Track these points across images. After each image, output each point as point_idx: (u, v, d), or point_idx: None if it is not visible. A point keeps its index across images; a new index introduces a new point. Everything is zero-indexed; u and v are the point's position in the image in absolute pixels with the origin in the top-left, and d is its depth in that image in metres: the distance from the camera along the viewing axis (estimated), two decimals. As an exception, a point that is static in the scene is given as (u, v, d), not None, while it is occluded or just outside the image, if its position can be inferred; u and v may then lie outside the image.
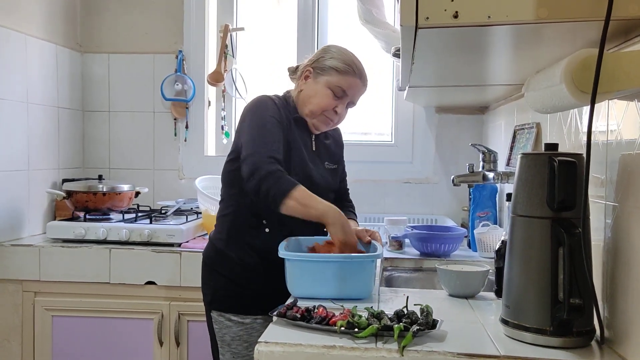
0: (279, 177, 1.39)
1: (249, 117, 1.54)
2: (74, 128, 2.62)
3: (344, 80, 1.56)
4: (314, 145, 1.65)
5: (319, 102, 1.57)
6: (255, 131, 1.49)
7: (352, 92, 1.58)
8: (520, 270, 1.04)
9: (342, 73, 1.56)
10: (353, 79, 1.57)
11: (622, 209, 0.97)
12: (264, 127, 1.49)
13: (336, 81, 1.56)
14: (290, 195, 1.37)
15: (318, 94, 1.57)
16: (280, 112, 1.55)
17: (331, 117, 1.60)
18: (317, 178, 1.60)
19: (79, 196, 2.22)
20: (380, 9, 2.29)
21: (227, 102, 2.71)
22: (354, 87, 1.58)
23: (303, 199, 1.38)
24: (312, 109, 1.58)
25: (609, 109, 1.05)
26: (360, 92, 1.62)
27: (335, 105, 1.58)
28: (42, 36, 2.34)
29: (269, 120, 1.51)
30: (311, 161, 1.61)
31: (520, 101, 1.85)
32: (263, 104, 1.56)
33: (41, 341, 2.09)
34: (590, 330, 1.01)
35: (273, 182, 1.38)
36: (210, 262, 1.62)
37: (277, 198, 1.38)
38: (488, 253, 1.92)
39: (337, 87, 1.56)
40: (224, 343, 1.55)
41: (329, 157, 1.69)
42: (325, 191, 1.63)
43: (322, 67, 1.58)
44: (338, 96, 1.57)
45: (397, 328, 1.01)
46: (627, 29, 0.93)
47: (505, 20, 0.91)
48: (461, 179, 1.90)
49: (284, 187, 1.38)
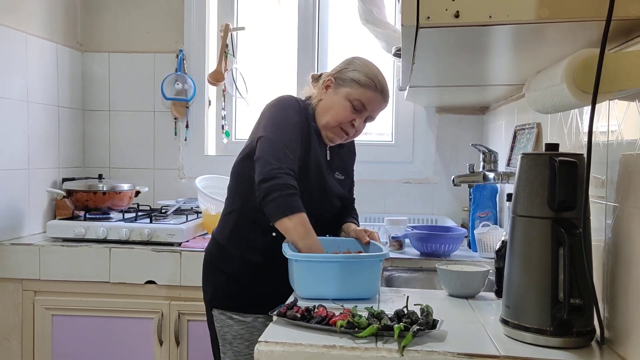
0: (291, 194, 1.39)
1: (272, 114, 1.51)
2: (74, 127, 2.61)
3: (364, 93, 1.53)
4: (329, 154, 1.64)
5: (336, 113, 1.54)
6: (278, 131, 1.46)
7: (371, 106, 1.55)
8: (520, 271, 1.04)
9: (363, 86, 1.53)
10: (373, 94, 1.54)
11: (623, 209, 0.97)
12: (287, 130, 1.47)
13: (356, 94, 1.53)
14: (291, 217, 1.38)
15: (336, 105, 1.55)
16: (302, 116, 1.53)
17: (347, 130, 1.57)
18: (329, 187, 1.60)
19: (79, 195, 2.22)
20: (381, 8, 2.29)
21: (227, 102, 2.71)
22: (373, 101, 1.55)
23: (298, 227, 1.39)
24: (328, 120, 1.55)
25: (609, 109, 1.05)
26: (380, 107, 1.59)
27: (353, 119, 1.55)
28: (42, 35, 2.34)
29: (292, 123, 1.49)
30: (325, 169, 1.60)
31: (520, 101, 1.85)
32: (287, 103, 1.53)
33: (41, 340, 2.09)
34: (590, 331, 1.01)
35: (285, 196, 1.38)
36: (212, 259, 1.61)
37: (279, 211, 1.38)
38: (488, 253, 1.92)
39: (356, 100, 1.53)
40: (225, 341, 1.55)
41: (340, 167, 1.68)
42: (334, 199, 1.63)
43: (343, 79, 1.56)
44: (357, 109, 1.54)
45: (397, 328, 1.01)
46: (628, 29, 0.93)
47: (507, 20, 0.91)
48: (461, 179, 1.90)
49: (291, 206, 1.38)
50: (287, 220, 1.38)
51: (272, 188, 1.38)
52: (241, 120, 2.80)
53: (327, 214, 1.64)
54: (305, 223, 1.40)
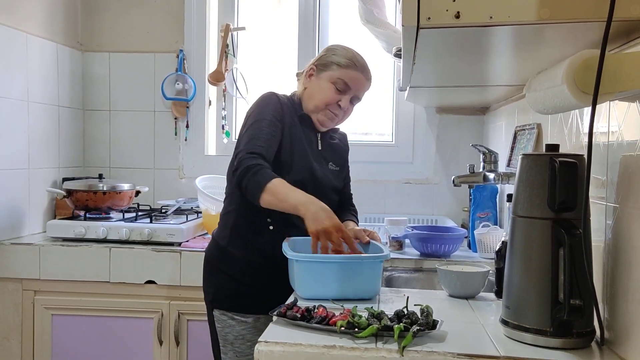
0: (256, 171, 1.40)
1: (248, 114, 1.59)
2: (75, 127, 2.61)
3: (345, 73, 1.58)
4: (320, 144, 1.66)
5: (322, 96, 1.59)
6: (250, 129, 1.52)
7: (355, 85, 1.59)
8: (520, 271, 1.04)
9: (343, 67, 1.58)
10: (355, 73, 1.58)
11: (623, 210, 0.97)
12: (258, 125, 1.52)
13: (338, 75, 1.58)
14: (265, 189, 1.38)
15: (321, 89, 1.59)
16: (282, 109, 1.57)
17: (335, 112, 1.61)
18: (321, 176, 1.60)
19: (79, 195, 2.22)
20: (381, 9, 2.29)
21: (227, 102, 2.71)
22: (356, 80, 1.59)
23: (277, 193, 1.38)
24: (316, 103, 1.60)
25: (610, 110, 1.05)
26: (364, 86, 1.63)
27: (339, 99, 1.59)
28: (42, 35, 2.34)
29: (265, 117, 1.53)
30: (315, 160, 1.61)
31: (521, 102, 1.85)
32: (264, 101, 1.59)
33: (41, 340, 2.09)
34: (590, 331, 1.01)
35: (251, 176, 1.40)
36: (212, 259, 1.62)
37: (255, 192, 1.40)
38: (488, 254, 1.92)
39: (339, 80, 1.57)
40: (226, 342, 1.55)
41: (334, 158, 1.69)
42: (329, 190, 1.63)
43: (324, 64, 1.61)
44: (340, 90, 1.58)
45: (397, 328, 1.01)
46: (629, 30, 0.93)
47: (507, 21, 0.91)
48: (462, 179, 1.90)
49: (260, 180, 1.39)
50: (265, 195, 1.39)
51: (240, 177, 1.42)
52: (241, 120, 2.79)
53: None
54: (280, 185, 1.40)
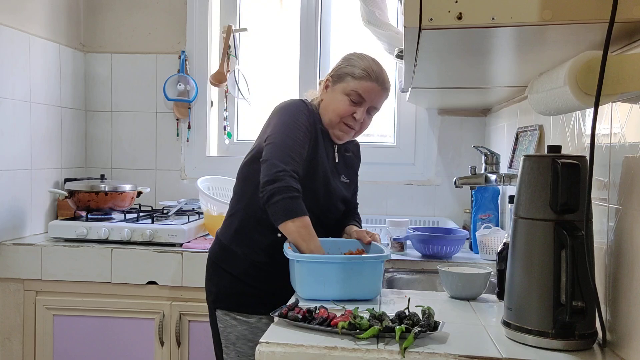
0: (294, 197, 1.40)
1: (280, 118, 1.53)
2: (77, 128, 2.62)
3: (359, 85, 1.54)
4: (337, 157, 1.65)
5: (336, 109, 1.56)
6: (286, 135, 1.48)
7: (369, 96, 1.55)
8: (522, 273, 1.04)
9: (357, 78, 1.54)
10: (369, 84, 1.54)
11: (625, 211, 0.97)
12: (294, 133, 1.48)
13: (352, 87, 1.54)
14: (295, 220, 1.40)
15: (335, 101, 1.56)
16: (310, 119, 1.55)
17: (351, 125, 1.58)
18: (334, 188, 1.61)
19: (81, 196, 2.22)
20: (383, 10, 2.29)
21: (229, 103, 2.71)
22: (370, 91, 1.55)
23: (301, 230, 1.40)
24: (330, 117, 1.57)
25: (612, 112, 1.04)
26: (380, 96, 1.59)
27: (354, 112, 1.55)
28: (45, 36, 2.35)
29: (300, 127, 1.50)
30: (331, 171, 1.61)
31: (522, 103, 1.85)
32: (297, 108, 1.55)
33: (42, 340, 2.09)
34: (592, 333, 1.00)
35: (288, 198, 1.39)
36: (216, 259, 1.62)
37: (282, 214, 1.40)
38: (490, 255, 1.91)
39: (352, 91, 1.54)
40: (228, 342, 1.55)
41: (346, 170, 1.69)
42: (338, 201, 1.64)
43: (339, 75, 1.58)
44: (355, 102, 1.55)
45: (399, 329, 1.00)
46: (631, 31, 0.93)
47: (510, 22, 0.91)
48: (463, 181, 1.90)
49: (295, 210, 1.40)
50: (291, 223, 1.40)
51: (275, 190, 1.39)
52: (243, 121, 2.80)
53: (331, 216, 1.64)
54: (308, 226, 1.41)
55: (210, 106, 2.70)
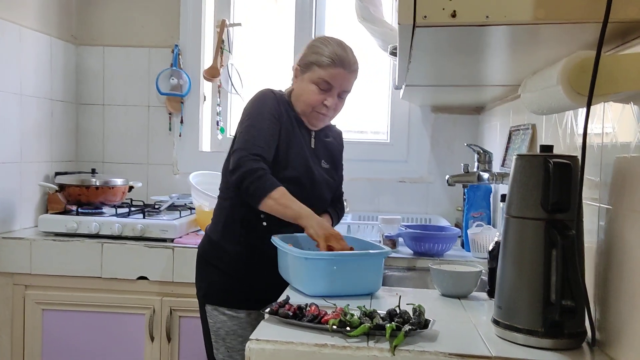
0: (260, 175, 1.42)
1: (247, 110, 1.56)
2: (68, 121, 2.60)
3: (325, 72, 1.53)
4: (313, 142, 1.65)
5: (306, 99, 1.57)
6: (249, 126, 1.50)
7: (337, 82, 1.55)
8: (513, 271, 1.04)
9: (323, 67, 1.53)
10: (335, 70, 1.53)
11: (616, 211, 0.97)
12: (258, 122, 1.51)
13: (319, 75, 1.54)
14: (270, 195, 1.41)
15: (304, 91, 1.57)
16: (280, 108, 1.55)
17: (322, 112, 1.58)
18: (317, 175, 1.61)
19: (71, 190, 2.20)
20: (377, 7, 2.29)
21: (222, 98, 2.70)
22: (338, 77, 1.54)
23: (281, 200, 1.42)
24: (302, 107, 1.58)
25: (604, 112, 1.05)
26: (347, 79, 1.57)
27: (324, 99, 1.56)
28: (36, 28, 2.32)
29: (265, 115, 1.51)
30: (310, 157, 1.61)
31: (516, 102, 1.85)
32: (262, 98, 1.57)
33: (31, 335, 2.07)
34: (581, 332, 1.01)
35: (255, 179, 1.42)
36: (205, 254, 1.62)
37: (257, 196, 1.42)
38: (481, 253, 1.92)
39: (320, 80, 1.54)
40: (218, 337, 1.55)
41: (327, 156, 1.69)
42: (324, 188, 1.63)
43: (305, 64, 1.57)
44: (323, 89, 1.55)
45: (389, 327, 1.00)
46: (624, 31, 0.93)
47: (503, 21, 0.90)
48: (456, 179, 1.90)
49: (265, 186, 1.42)
50: (268, 199, 1.42)
51: (241, 177, 1.42)
52: (236, 116, 2.78)
53: (319, 205, 1.64)
54: (285, 194, 1.43)
55: (203, 101, 2.69)
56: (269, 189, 1.41)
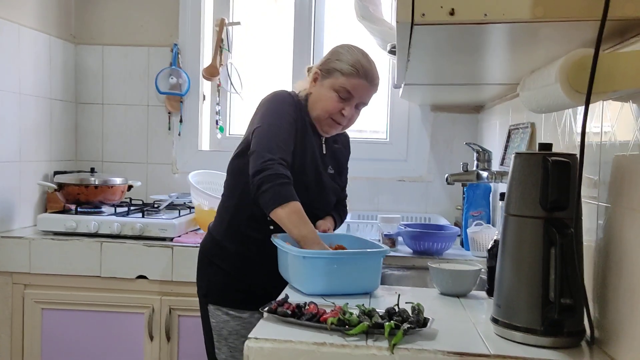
0: (283, 183, 1.39)
1: (266, 109, 1.52)
2: (67, 120, 2.59)
3: (348, 82, 1.52)
4: (324, 148, 1.64)
5: (324, 105, 1.54)
6: (272, 125, 1.47)
7: (358, 93, 1.54)
8: (511, 270, 1.04)
9: (346, 75, 1.52)
10: (358, 81, 1.52)
11: (615, 210, 0.97)
12: (280, 123, 1.47)
13: (341, 83, 1.52)
14: (284, 206, 1.38)
15: (323, 97, 1.54)
16: (296, 111, 1.54)
17: (339, 121, 1.56)
18: (325, 181, 1.60)
19: (70, 189, 2.20)
20: (376, 5, 2.29)
21: (222, 97, 2.70)
22: (359, 88, 1.53)
23: (292, 216, 1.38)
24: (319, 113, 1.56)
25: (603, 110, 1.05)
26: (368, 92, 1.57)
27: (342, 108, 1.54)
28: (35, 27, 2.32)
29: (284, 117, 1.49)
30: (320, 163, 1.60)
31: (515, 101, 1.85)
32: (282, 99, 1.54)
33: (30, 334, 2.07)
34: (580, 331, 1.01)
35: (276, 185, 1.38)
36: (207, 253, 1.61)
37: (272, 201, 1.38)
38: (480, 252, 1.92)
39: (341, 88, 1.52)
40: (220, 337, 1.55)
41: (334, 162, 1.68)
42: (330, 193, 1.63)
43: (328, 69, 1.55)
44: (343, 98, 1.53)
45: (388, 326, 1.00)
46: (623, 29, 0.93)
47: (502, 19, 0.90)
48: (455, 177, 1.90)
49: (284, 195, 1.38)
50: (280, 209, 1.38)
51: (264, 179, 1.38)
52: (235, 115, 2.79)
53: (323, 209, 1.64)
54: (299, 211, 1.39)
55: (202, 100, 2.69)
56: (286, 200, 1.38)
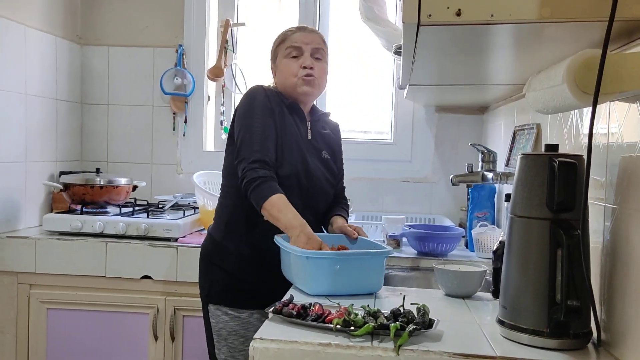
0: (257, 184, 1.45)
1: (239, 112, 1.58)
2: (73, 120, 2.60)
3: (289, 41, 1.61)
4: (310, 133, 1.65)
5: (286, 72, 1.61)
6: (244, 130, 1.53)
7: (303, 43, 1.60)
8: (517, 271, 1.04)
9: (284, 40, 1.62)
10: (294, 35, 1.61)
11: (622, 211, 0.97)
12: (251, 124, 1.52)
13: (286, 47, 1.61)
14: (263, 206, 1.43)
15: (283, 68, 1.62)
16: (270, 100, 1.57)
17: (305, 75, 1.59)
18: (314, 169, 1.60)
19: (76, 189, 2.21)
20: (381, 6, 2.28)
21: (226, 98, 2.70)
22: (300, 39, 1.60)
23: (273, 210, 1.43)
24: (287, 81, 1.61)
25: (610, 111, 1.04)
26: (313, 39, 1.62)
27: (301, 63, 1.59)
28: (41, 28, 2.33)
29: (256, 115, 1.53)
30: (307, 151, 1.60)
31: (520, 102, 1.84)
32: (251, 96, 1.58)
33: (36, 334, 2.08)
34: (587, 333, 1.00)
35: (252, 190, 1.45)
36: (207, 254, 1.62)
37: (257, 203, 1.45)
38: (485, 253, 1.91)
39: (288, 50, 1.60)
40: (220, 337, 1.55)
41: (325, 147, 1.68)
42: (323, 182, 1.63)
43: (273, 52, 1.67)
44: (295, 56, 1.60)
45: (394, 327, 1.00)
46: (630, 30, 0.93)
47: (509, 19, 0.90)
48: (460, 178, 1.89)
49: (260, 196, 1.44)
50: (263, 211, 1.45)
51: (247, 185, 1.46)
52: (240, 116, 2.79)
53: (322, 201, 1.64)
54: (278, 202, 1.43)
55: (207, 101, 2.69)
56: (263, 200, 1.43)
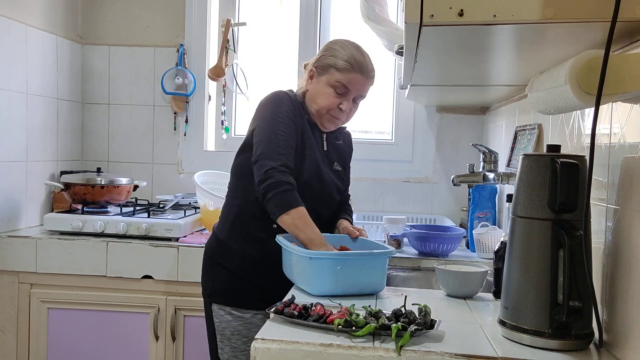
0: (286, 190, 1.42)
1: (263, 112, 1.54)
2: (73, 120, 2.60)
3: (344, 77, 1.53)
4: (325, 145, 1.65)
5: (322, 101, 1.56)
6: (270, 131, 1.48)
7: (354, 87, 1.56)
8: (519, 272, 1.04)
9: (341, 71, 1.53)
10: (354, 75, 1.54)
11: (624, 212, 0.97)
12: (278, 127, 1.49)
13: (336, 79, 1.54)
14: (289, 213, 1.41)
15: (320, 93, 1.56)
16: (295, 110, 1.54)
17: (337, 115, 1.58)
18: (327, 178, 1.61)
19: (77, 188, 2.21)
20: (383, 6, 2.28)
21: (227, 97, 2.70)
22: (355, 82, 1.55)
23: (296, 221, 1.41)
24: (317, 108, 1.57)
25: (612, 112, 1.04)
26: (364, 85, 1.58)
27: (340, 103, 1.56)
28: (42, 27, 2.33)
29: (283, 119, 1.50)
30: (322, 161, 1.61)
31: (521, 102, 1.84)
32: (279, 100, 1.54)
33: (36, 333, 2.08)
34: (589, 333, 1.00)
35: (279, 193, 1.41)
36: (212, 253, 1.62)
37: (277, 209, 1.42)
38: (486, 254, 1.91)
39: (338, 84, 1.54)
40: (223, 337, 1.55)
41: (338, 158, 1.69)
42: (333, 190, 1.64)
43: (323, 66, 1.57)
44: (340, 93, 1.55)
45: (395, 327, 1.00)
46: (633, 30, 0.93)
47: (511, 20, 0.90)
48: (461, 179, 1.89)
49: (288, 202, 1.41)
50: (286, 216, 1.41)
51: (267, 188, 1.42)
52: (241, 116, 2.79)
53: (327, 207, 1.64)
54: (303, 216, 1.42)
55: (208, 100, 2.69)
56: (290, 207, 1.41)
